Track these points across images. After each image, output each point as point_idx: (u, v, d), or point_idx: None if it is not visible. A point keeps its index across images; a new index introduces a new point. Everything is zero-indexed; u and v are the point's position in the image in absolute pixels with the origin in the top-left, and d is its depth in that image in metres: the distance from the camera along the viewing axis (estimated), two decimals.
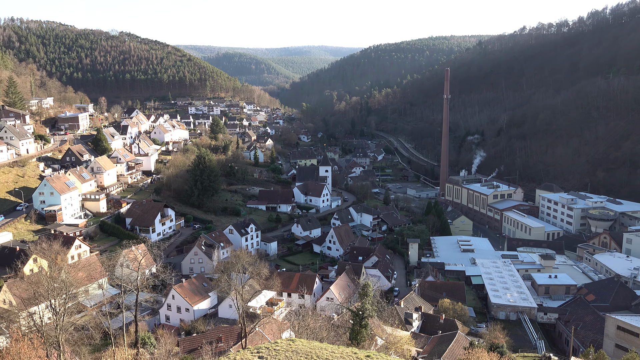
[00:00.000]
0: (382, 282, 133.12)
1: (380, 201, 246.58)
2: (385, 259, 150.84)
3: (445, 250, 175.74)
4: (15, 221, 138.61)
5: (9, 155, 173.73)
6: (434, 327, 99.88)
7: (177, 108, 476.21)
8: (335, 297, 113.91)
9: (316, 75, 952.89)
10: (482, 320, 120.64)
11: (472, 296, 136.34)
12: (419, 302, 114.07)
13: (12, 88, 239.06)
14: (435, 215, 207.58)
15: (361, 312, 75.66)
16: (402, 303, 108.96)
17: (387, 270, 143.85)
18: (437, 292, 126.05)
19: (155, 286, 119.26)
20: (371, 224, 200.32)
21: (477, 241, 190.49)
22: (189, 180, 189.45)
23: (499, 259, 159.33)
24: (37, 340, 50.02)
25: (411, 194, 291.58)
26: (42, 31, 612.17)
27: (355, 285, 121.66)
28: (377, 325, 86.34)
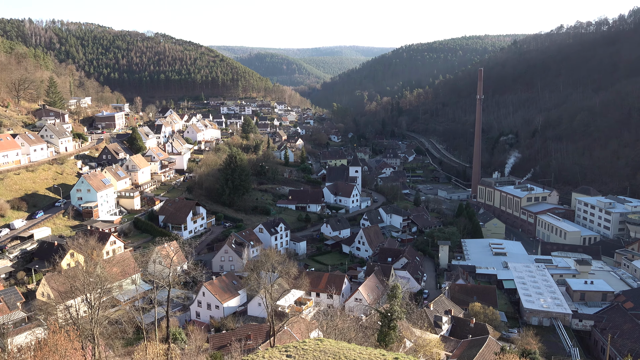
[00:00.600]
0: (411, 284, 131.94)
1: (411, 202, 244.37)
2: (415, 261, 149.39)
3: (476, 253, 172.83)
4: (54, 217, 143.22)
5: (49, 153, 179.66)
6: (464, 331, 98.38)
7: (210, 108, 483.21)
8: (363, 298, 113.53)
9: (347, 75, 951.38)
10: (514, 326, 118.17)
11: (503, 300, 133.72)
12: (449, 305, 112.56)
13: (52, 88, 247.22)
14: (466, 218, 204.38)
15: (390, 313, 75.16)
16: (431, 306, 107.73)
17: (416, 272, 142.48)
18: (467, 295, 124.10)
19: (186, 283, 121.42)
20: (401, 225, 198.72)
21: (510, 244, 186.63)
22: (220, 179, 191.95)
23: (532, 263, 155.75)
24: (73, 333, 51.53)
25: (442, 195, 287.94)
26: (82, 33, 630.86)
27: (384, 287, 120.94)
28: (406, 328, 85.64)
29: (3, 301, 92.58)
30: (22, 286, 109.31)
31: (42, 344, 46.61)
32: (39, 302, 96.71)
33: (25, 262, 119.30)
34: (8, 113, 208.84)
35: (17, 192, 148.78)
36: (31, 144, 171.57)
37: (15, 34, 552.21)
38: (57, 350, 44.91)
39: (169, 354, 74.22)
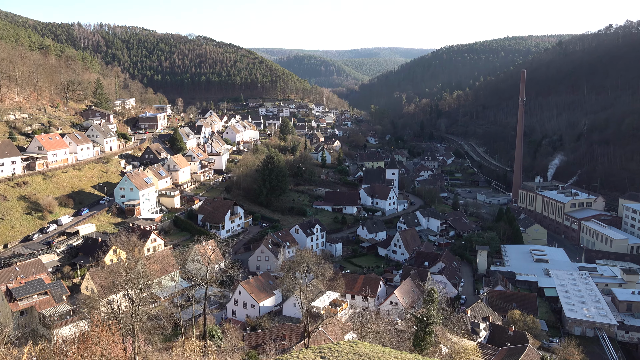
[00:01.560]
0: (448, 289, 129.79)
1: (449, 206, 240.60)
2: (452, 266, 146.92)
3: (516, 260, 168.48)
4: (98, 214, 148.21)
5: (95, 152, 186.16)
6: (503, 339, 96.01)
7: (249, 109, 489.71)
8: (399, 301, 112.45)
9: (385, 77, 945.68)
10: (555, 335, 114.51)
11: (544, 309, 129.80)
12: (487, 312, 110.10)
13: (99, 89, 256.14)
14: (506, 223, 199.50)
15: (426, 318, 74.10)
16: (468, 312, 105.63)
17: (453, 277, 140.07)
18: (506, 302, 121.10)
19: (223, 281, 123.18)
20: (438, 229, 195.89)
21: (552, 251, 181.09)
22: (258, 180, 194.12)
23: (575, 271, 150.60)
24: (114, 327, 53.17)
25: (481, 199, 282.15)
26: (127, 36, 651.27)
27: (420, 291, 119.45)
28: (442, 333, 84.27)
29: (50, 294, 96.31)
30: (68, 280, 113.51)
31: (86, 337, 48.22)
32: (83, 296, 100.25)
33: (70, 257, 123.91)
34: (57, 113, 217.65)
35: (65, 190, 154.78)
36: (78, 144, 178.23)
37: (65, 38, 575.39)
38: (100, 343, 46.39)
39: (205, 351, 75.51)
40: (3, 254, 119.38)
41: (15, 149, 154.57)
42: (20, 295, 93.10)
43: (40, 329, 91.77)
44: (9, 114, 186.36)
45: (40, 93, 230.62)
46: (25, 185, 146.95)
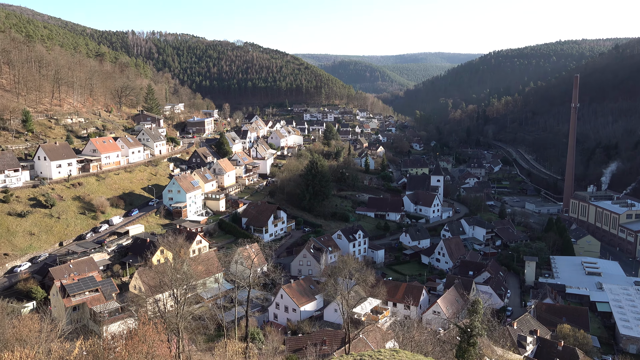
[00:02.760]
0: (493, 299, 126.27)
1: (495, 215, 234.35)
2: (498, 276, 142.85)
3: (566, 272, 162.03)
4: (147, 215, 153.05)
5: (145, 155, 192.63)
6: (551, 354, 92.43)
7: (293, 114, 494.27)
8: (442, 311, 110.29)
9: (431, 82, 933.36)
10: (608, 352, 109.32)
11: (596, 324, 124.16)
12: (535, 325, 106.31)
13: (150, 95, 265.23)
14: (556, 233, 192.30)
15: (470, 329, 72.30)
16: (515, 324, 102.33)
17: (499, 287, 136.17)
18: (555, 316, 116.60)
19: (265, 284, 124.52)
20: (484, 237, 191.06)
21: (605, 264, 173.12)
22: (301, 185, 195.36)
23: (631, 286, 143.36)
24: (160, 325, 54.53)
25: (530, 208, 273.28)
26: (177, 43, 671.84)
27: (464, 301, 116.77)
28: (487, 345, 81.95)
29: (100, 291, 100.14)
30: (117, 278, 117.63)
31: (133, 334, 49.75)
32: (131, 295, 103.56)
33: (120, 256, 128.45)
34: (111, 118, 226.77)
35: (116, 191, 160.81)
36: (130, 147, 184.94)
37: (120, 45, 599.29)
38: (146, 341, 47.75)
39: (247, 353, 76.35)
40: (58, 251, 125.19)
41: (72, 152, 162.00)
42: (73, 291, 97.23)
43: (90, 325, 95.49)
44: (67, 118, 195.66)
45: (96, 98, 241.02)
46: (80, 186, 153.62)
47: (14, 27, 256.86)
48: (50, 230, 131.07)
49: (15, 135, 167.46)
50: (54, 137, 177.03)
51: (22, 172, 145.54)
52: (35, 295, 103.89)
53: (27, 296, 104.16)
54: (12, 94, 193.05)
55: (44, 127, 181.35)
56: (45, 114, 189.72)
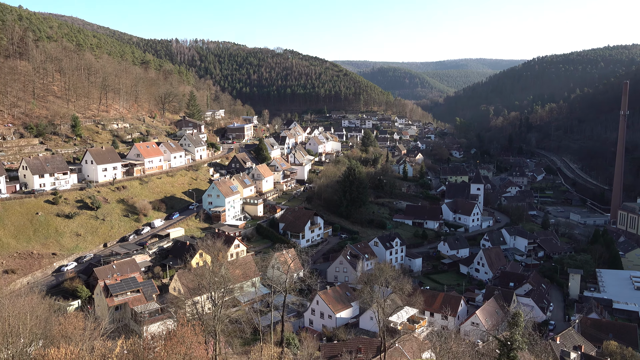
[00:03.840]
0: (535, 312, 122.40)
1: (538, 225, 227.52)
2: (541, 288, 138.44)
3: (614, 286, 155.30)
4: (187, 219, 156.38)
5: (186, 160, 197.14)
6: None
7: (332, 121, 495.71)
8: (481, 322, 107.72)
9: (472, 89, 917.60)
10: None
11: None
12: (579, 341, 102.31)
13: (192, 101, 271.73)
14: (603, 246, 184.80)
15: (509, 342, 70.28)
16: (558, 339, 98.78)
17: (541, 300, 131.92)
18: (601, 331, 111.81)
19: (301, 290, 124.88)
20: (526, 248, 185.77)
21: None
22: (339, 191, 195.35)
23: None
24: (198, 327, 55.50)
25: (575, 219, 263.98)
26: (219, 51, 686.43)
27: (504, 313, 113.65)
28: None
29: (141, 292, 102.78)
30: (158, 280, 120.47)
31: (172, 335, 50.79)
32: (170, 296, 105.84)
33: (161, 258, 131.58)
34: (155, 123, 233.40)
35: (158, 195, 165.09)
36: (172, 152, 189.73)
37: (164, 53, 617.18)
38: (184, 342, 48.68)
39: (282, 358, 76.59)
40: (103, 252, 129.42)
41: (117, 156, 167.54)
42: (116, 291, 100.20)
43: (131, 325, 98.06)
44: (113, 123, 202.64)
45: (140, 104, 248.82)
46: (124, 189, 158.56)
47: (65, 37, 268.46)
48: (96, 232, 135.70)
49: (64, 139, 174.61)
50: (100, 141, 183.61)
51: (71, 175, 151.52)
52: (80, 294, 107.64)
53: (72, 295, 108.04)
54: (63, 100, 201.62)
55: (92, 132, 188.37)
56: (93, 120, 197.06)
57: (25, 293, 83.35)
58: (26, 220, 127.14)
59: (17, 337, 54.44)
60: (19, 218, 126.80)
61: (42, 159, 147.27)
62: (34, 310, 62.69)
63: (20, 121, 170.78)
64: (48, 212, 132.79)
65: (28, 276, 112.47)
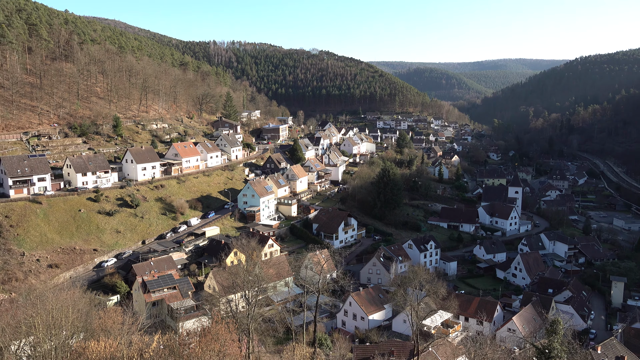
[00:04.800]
0: (575, 320, 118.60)
1: (579, 230, 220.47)
2: (581, 296, 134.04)
3: None
4: (223, 218, 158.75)
5: (222, 160, 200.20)
6: None
7: (366, 122, 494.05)
8: (517, 328, 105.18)
9: (511, 90, 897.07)
10: None
11: None
12: (622, 351, 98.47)
13: (229, 102, 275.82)
14: None
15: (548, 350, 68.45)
16: (599, 349, 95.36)
17: (582, 308, 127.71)
18: None
19: (334, 291, 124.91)
20: (566, 254, 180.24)
21: None
22: (373, 192, 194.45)
23: None
24: (232, 325, 56.28)
25: (619, 225, 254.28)
26: (256, 52, 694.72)
27: (542, 320, 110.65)
28: None
29: (178, 289, 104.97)
30: (193, 277, 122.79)
31: (206, 332, 51.69)
32: (205, 294, 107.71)
33: (197, 256, 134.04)
34: (192, 124, 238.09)
35: (195, 194, 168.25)
36: (208, 152, 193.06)
37: (202, 55, 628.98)
38: (218, 339, 49.45)
39: (314, 358, 76.81)
40: (141, 249, 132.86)
41: (156, 155, 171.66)
42: (153, 287, 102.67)
43: (168, 320, 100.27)
44: (152, 123, 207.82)
45: (179, 105, 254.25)
46: (162, 188, 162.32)
47: (108, 39, 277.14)
48: (135, 229, 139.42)
49: (106, 139, 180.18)
50: (140, 141, 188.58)
51: (112, 173, 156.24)
52: (119, 290, 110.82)
53: (112, 290, 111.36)
54: (105, 101, 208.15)
55: (132, 132, 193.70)
56: (133, 120, 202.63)
57: (68, 287, 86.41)
58: (69, 217, 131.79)
59: (60, 330, 56.47)
60: (63, 215, 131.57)
61: (85, 158, 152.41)
62: (75, 304, 64.92)
63: (65, 121, 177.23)
64: (90, 210, 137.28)
65: (70, 271, 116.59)
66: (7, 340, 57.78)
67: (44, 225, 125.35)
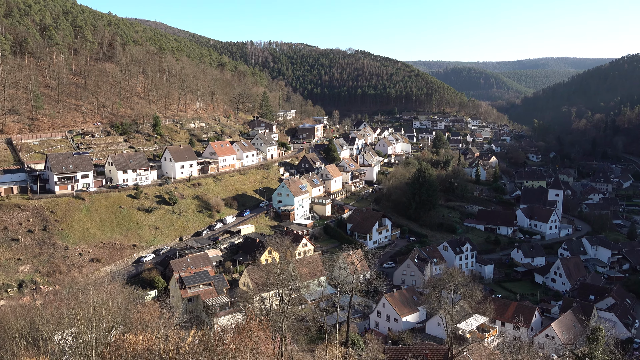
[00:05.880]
0: (618, 329, 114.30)
1: (623, 235, 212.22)
2: (625, 303, 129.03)
3: None
4: (257, 216, 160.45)
5: (257, 159, 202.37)
6: None
7: (402, 122, 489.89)
8: (556, 335, 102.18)
9: (552, 89, 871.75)
10: None
11: None
12: None
13: (265, 102, 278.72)
14: None
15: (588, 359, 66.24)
16: None
17: (625, 316, 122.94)
18: None
19: (367, 291, 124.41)
20: (609, 260, 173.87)
21: None
22: (408, 193, 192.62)
23: None
24: (265, 323, 56.75)
25: None
26: (292, 52, 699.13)
27: (582, 327, 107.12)
28: None
29: (213, 285, 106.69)
30: (228, 274, 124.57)
31: (240, 328, 52.30)
32: (240, 291, 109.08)
33: (232, 254, 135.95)
34: (229, 123, 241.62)
35: (231, 192, 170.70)
36: (245, 151, 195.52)
37: (239, 55, 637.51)
38: (252, 337, 49.94)
39: (347, 358, 76.72)
40: (178, 245, 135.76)
41: (193, 154, 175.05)
42: (189, 283, 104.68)
43: (203, 316, 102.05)
44: (191, 122, 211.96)
45: (216, 104, 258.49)
46: (199, 186, 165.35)
47: (149, 40, 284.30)
48: (172, 226, 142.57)
49: (146, 137, 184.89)
50: (178, 140, 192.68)
51: (151, 171, 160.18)
52: (157, 285, 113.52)
53: (150, 285, 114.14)
54: (145, 100, 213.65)
55: (171, 130, 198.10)
56: (172, 119, 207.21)
57: (108, 281, 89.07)
58: (110, 213, 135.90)
59: (100, 322, 58.27)
60: (104, 211, 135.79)
61: (125, 156, 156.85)
62: (115, 297, 66.84)
63: (107, 120, 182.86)
64: (130, 206, 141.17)
65: (111, 265, 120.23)
66: (51, 331, 60.03)
67: (87, 221, 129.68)
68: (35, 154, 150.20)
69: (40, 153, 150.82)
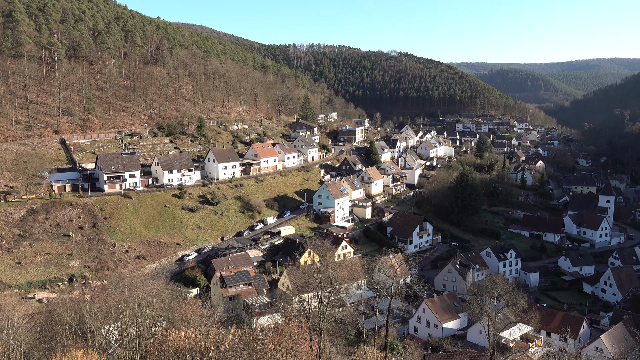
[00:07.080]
0: None
1: None
2: None
3: None
4: (298, 218, 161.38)
5: (298, 161, 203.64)
6: None
7: (445, 125, 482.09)
8: (606, 348, 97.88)
9: (604, 91, 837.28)
10: None
11: None
12: None
13: (306, 104, 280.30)
14: None
15: None
16: None
17: None
18: None
19: (407, 296, 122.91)
20: None
21: None
22: (450, 197, 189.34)
23: None
24: (304, 324, 56.99)
25: None
26: (334, 55, 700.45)
27: (635, 341, 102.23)
28: None
29: (253, 285, 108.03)
30: (268, 275, 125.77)
31: (279, 329, 52.72)
32: (279, 291, 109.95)
33: (272, 254, 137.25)
34: (271, 125, 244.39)
35: (272, 194, 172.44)
36: (286, 153, 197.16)
37: (282, 58, 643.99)
38: (291, 337, 50.26)
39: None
40: (220, 245, 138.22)
41: (236, 155, 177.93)
42: (230, 282, 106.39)
43: (243, 315, 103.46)
44: (234, 124, 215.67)
45: (259, 107, 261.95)
46: (241, 187, 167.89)
47: (195, 44, 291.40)
48: (214, 226, 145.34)
49: (191, 139, 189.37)
50: (222, 141, 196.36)
51: (195, 172, 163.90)
52: (199, 283, 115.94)
53: (192, 282, 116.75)
54: (191, 102, 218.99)
55: (214, 132, 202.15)
56: (216, 121, 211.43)
57: (153, 278, 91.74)
58: (156, 212, 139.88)
59: (145, 317, 60.01)
60: (150, 209, 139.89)
61: (171, 157, 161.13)
62: (159, 294, 68.72)
63: (154, 121, 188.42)
64: (174, 205, 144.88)
65: (155, 262, 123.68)
66: (98, 324, 62.32)
67: (133, 219, 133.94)
68: (87, 154, 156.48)
69: (91, 153, 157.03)
